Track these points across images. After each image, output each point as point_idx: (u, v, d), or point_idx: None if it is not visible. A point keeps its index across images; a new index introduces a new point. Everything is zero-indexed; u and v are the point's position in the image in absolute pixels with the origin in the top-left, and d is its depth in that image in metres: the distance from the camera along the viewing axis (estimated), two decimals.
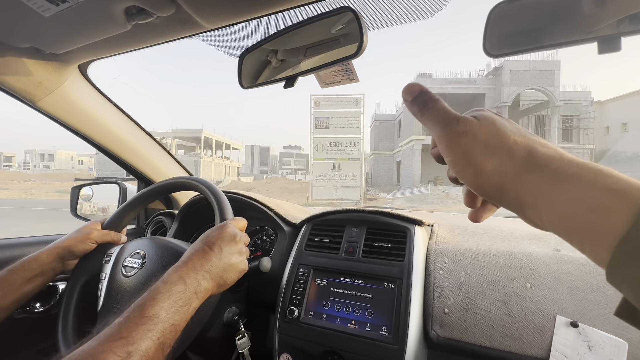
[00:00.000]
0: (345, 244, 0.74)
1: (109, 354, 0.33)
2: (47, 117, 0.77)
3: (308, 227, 0.81)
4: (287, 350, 0.65)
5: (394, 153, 26.81)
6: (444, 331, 0.57)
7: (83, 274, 0.70)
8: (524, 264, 0.61)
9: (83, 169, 57.85)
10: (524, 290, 0.57)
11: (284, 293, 0.71)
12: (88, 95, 0.79)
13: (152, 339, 0.37)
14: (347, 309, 0.65)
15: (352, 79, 0.68)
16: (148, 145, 0.96)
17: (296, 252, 0.76)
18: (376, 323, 0.61)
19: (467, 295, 0.59)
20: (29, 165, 60.61)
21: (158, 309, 0.39)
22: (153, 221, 1.11)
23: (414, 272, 0.64)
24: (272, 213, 0.87)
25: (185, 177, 0.74)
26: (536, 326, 0.53)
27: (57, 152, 61.23)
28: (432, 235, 0.75)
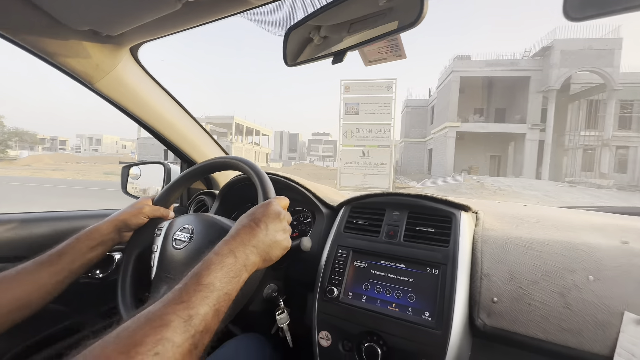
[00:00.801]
0: (386, 227, 0.72)
1: (173, 315, 0.36)
2: (103, 99, 0.81)
3: (347, 209, 0.80)
4: (327, 328, 0.67)
5: (425, 140, 25.85)
6: (491, 320, 0.55)
7: (137, 245, 0.75)
8: (585, 255, 0.56)
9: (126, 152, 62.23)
10: (585, 283, 0.52)
11: (323, 273, 0.71)
12: (138, 77, 0.82)
13: (209, 304, 0.39)
14: (387, 291, 0.64)
15: (399, 55, 0.65)
16: (191, 127, 1.00)
17: (335, 234, 0.76)
18: (418, 307, 0.60)
19: (519, 285, 0.56)
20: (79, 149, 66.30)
21: (212, 278, 0.42)
22: (195, 200, 1.16)
23: (460, 259, 0.61)
24: (310, 195, 0.87)
25: (230, 157, 0.76)
26: (599, 322, 0.49)
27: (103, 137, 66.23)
28: (477, 222, 0.72)
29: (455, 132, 19.62)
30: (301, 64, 0.60)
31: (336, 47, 0.55)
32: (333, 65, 0.55)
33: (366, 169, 12.10)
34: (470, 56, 20.28)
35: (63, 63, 0.70)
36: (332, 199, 0.89)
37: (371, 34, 0.54)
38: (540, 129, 18.25)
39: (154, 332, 0.33)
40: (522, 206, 0.94)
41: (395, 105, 11.54)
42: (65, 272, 0.61)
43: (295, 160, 62.71)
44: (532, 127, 18.33)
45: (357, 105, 11.88)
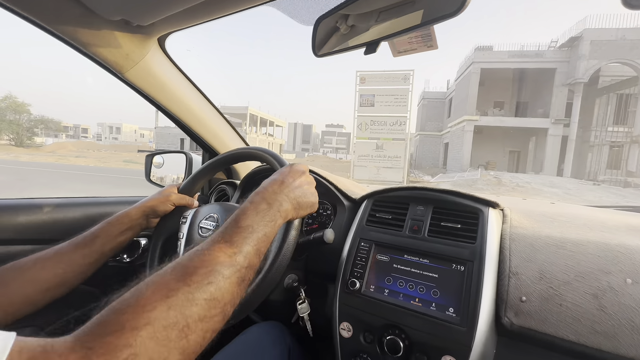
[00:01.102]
0: (410, 221, 0.72)
1: (219, 252, 0.40)
2: (132, 89, 0.83)
3: (369, 202, 0.80)
4: (348, 320, 0.67)
5: (441, 134, 25.26)
6: (519, 319, 0.54)
7: (164, 232, 0.77)
8: (623, 257, 0.54)
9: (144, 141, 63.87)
10: (622, 286, 0.50)
11: (345, 265, 0.71)
12: (165, 67, 0.84)
13: (250, 244, 0.43)
14: (410, 286, 0.64)
15: (430, 45, 0.62)
16: (214, 117, 1.01)
17: (357, 227, 0.76)
18: (442, 303, 0.60)
19: (550, 285, 0.54)
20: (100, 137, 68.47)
21: (250, 221, 0.45)
22: (216, 189, 1.18)
23: (487, 256, 0.60)
24: (332, 187, 0.87)
25: (253, 147, 0.77)
26: (636, 326, 0.47)
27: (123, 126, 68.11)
28: (505, 219, 0.70)
29: (473, 125, 19.06)
30: (330, 54, 0.59)
31: (368, 37, 0.54)
32: (365, 55, 0.54)
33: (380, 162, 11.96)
34: (492, 47, 19.50)
35: (95, 52, 0.72)
36: (354, 192, 0.89)
37: (405, 23, 0.52)
38: (564, 124, 17.48)
39: (205, 265, 0.37)
40: (550, 204, 0.91)
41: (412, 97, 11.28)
42: (97, 254, 0.64)
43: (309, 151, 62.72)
44: (556, 121, 17.57)
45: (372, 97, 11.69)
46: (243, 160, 0.80)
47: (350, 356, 0.66)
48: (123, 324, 0.29)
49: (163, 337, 0.30)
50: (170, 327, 0.31)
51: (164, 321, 0.31)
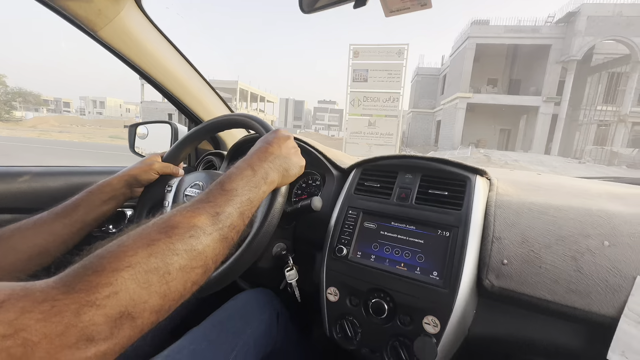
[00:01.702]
0: (398, 189, 0.72)
1: (202, 210, 0.40)
2: (106, 49, 0.78)
3: (358, 171, 0.79)
4: (335, 284, 0.68)
5: (434, 112, 25.13)
6: (500, 281, 0.56)
7: (148, 201, 0.76)
8: (602, 221, 0.55)
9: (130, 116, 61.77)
10: (600, 249, 0.52)
11: (333, 232, 0.72)
12: (143, 26, 0.78)
13: (234, 206, 0.43)
14: (396, 251, 0.65)
15: (424, 4, 0.59)
16: (198, 83, 0.96)
17: (345, 195, 0.76)
18: (426, 267, 0.61)
19: (531, 248, 0.55)
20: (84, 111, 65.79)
21: (235, 185, 0.46)
22: (203, 160, 1.15)
23: (472, 222, 0.61)
24: (321, 156, 0.86)
25: (239, 114, 0.74)
26: (610, 285, 0.49)
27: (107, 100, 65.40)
28: (491, 188, 0.70)
29: (465, 103, 18.97)
30: (319, 10, 0.55)
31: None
32: (355, 9, 0.50)
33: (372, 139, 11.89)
34: (488, 21, 19.01)
35: (64, 7, 0.66)
36: (343, 162, 0.88)
37: None
38: (555, 103, 17.56)
39: (187, 221, 0.38)
40: (536, 175, 0.92)
41: (406, 73, 11.05)
42: (79, 223, 0.63)
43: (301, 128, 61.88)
44: (547, 100, 17.62)
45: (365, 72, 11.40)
46: (228, 128, 0.78)
47: (336, 319, 0.67)
48: (104, 265, 0.30)
49: (144, 280, 0.31)
50: (151, 272, 0.32)
51: (145, 266, 0.31)
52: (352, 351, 0.66)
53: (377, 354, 0.63)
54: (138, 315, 0.30)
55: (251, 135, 1.00)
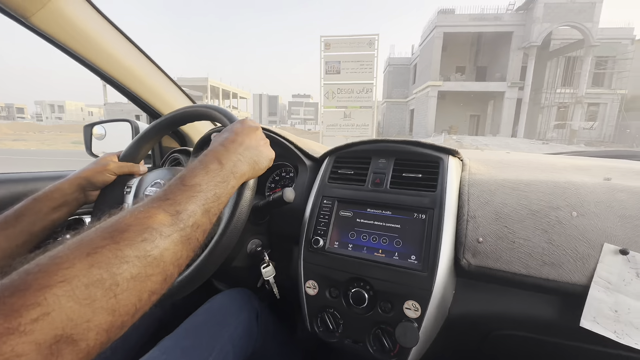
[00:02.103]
0: (372, 175, 0.70)
1: (158, 209, 0.35)
2: (42, 38, 0.69)
3: (331, 159, 0.77)
4: (313, 278, 0.66)
5: (407, 101, 25.65)
6: (476, 260, 0.56)
7: (105, 205, 0.69)
8: (570, 192, 0.56)
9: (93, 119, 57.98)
10: (568, 219, 0.53)
11: (308, 224, 0.69)
12: (84, 11, 0.70)
13: (197, 203, 0.39)
14: (373, 238, 0.63)
15: None
16: (153, 74, 0.89)
17: (319, 185, 0.73)
18: (404, 252, 0.60)
19: (505, 224, 0.56)
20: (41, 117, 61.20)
21: (199, 179, 0.41)
22: (169, 159, 1.08)
23: (447, 202, 0.60)
24: (292, 146, 0.82)
25: (200, 105, 0.69)
26: (580, 254, 0.50)
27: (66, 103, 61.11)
28: (464, 168, 0.70)
29: (437, 91, 19.49)
30: None
31: None
32: None
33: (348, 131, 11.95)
34: (454, 10, 19.52)
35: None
36: (316, 151, 0.85)
37: None
38: (519, 87, 18.44)
39: (139, 222, 0.33)
40: (505, 153, 0.93)
41: (378, 63, 11.15)
42: (24, 235, 0.56)
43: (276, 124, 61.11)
44: (512, 85, 18.47)
45: (338, 64, 11.39)
46: (190, 121, 0.72)
47: (317, 312, 0.65)
48: (29, 282, 0.25)
49: (85, 296, 0.26)
50: (93, 285, 0.27)
51: (85, 279, 0.27)
52: (335, 343, 0.64)
53: (361, 344, 0.61)
54: (81, 337, 0.25)
55: (217, 128, 0.94)
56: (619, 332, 0.46)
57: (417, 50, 23.39)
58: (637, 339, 0.45)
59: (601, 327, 0.47)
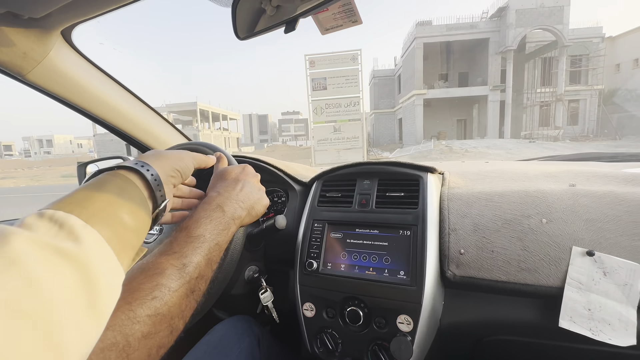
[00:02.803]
0: (358, 196, 0.74)
1: (166, 264, 0.37)
2: (39, 92, 0.73)
3: (319, 184, 0.81)
4: (310, 300, 0.69)
5: (394, 110, 26.13)
6: (460, 270, 0.59)
7: None
8: (539, 201, 0.61)
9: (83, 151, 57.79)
10: (539, 226, 0.57)
11: (301, 248, 0.72)
12: (76, 63, 0.75)
13: (201, 254, 0.40)
14: (364, 257, 0.67)
15: (355, 20, 0.63)
16: (144, 113, 0.93)
17: (309, 209, 0.77)
18: (394, 268, 0.63)
19: (483, 235, 0.60)
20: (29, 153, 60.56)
21: (202, 230, 0.42)
22: None
23: (429, 218, 0.64)
24: (281, 173, 0.86)
25: (192, 142, 0.73)
26: (552, 258, 0.54)
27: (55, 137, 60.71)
28: (444, 182, 0.75)
29: (422, 99, 19.96)
30: (253, 36, 0.57)
31: (291, 12, 0.53)
32: (286, 34, 0.52)
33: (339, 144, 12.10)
34: (431, 21, 20.28)
35: None
36: (304, 175, 0.89)
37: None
38: (501, 90, 19.02)
39: (149, 280, 0.35)
40: (484, 163, 0.99)
41: (363, 77, 11.44)
42: None
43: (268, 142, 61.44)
44: (494, 88, 19.04)
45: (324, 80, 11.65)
46: None
47: (316, 333, 0.68)
48: None
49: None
50: (108, 349, 0.29)
51: (101, 343, 0.28)
52: None
53: None
54: None
55: None
56: (593, 329, 0.49)
57: (400, 62, 24.09)
58: (610, 334, 0.48)
59: (578, 326, 0.50)
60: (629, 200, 0.56)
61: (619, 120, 19.08)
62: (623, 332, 0.48)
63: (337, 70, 11.53)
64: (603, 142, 15.21)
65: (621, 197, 0.57)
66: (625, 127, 18.56)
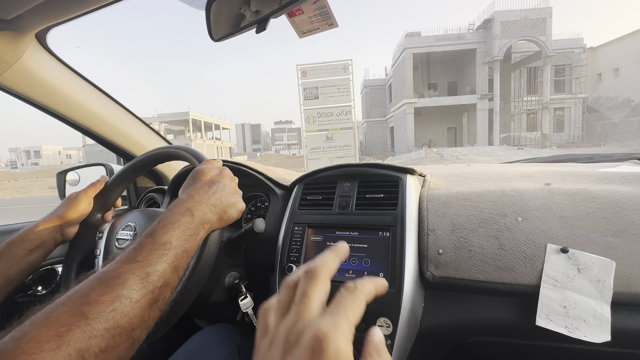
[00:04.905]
0: (338, 199, 0.73)
1: (128, 274, 0.35)
2: (11, 95, 0.72)
3: (300, 187, 0.80)
4: None
5: (386, 119, 26.49)
6: (439, 271, 0.59)
7: (77, 253, 0.69)
8: (515, 200, 0.61)
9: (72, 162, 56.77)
10: (515, 224, 0.57)
11: (281, 252, 0.71)
12: (51, 67, 0.73)
13: (167, 262, 0.39)
14: (344, 260, 0.66)
15: (331, 24, 0.64)
16: (125, 118, 0.92)
17: (290, 212, 0.76)
18: (373, 270, 0.62)
19: (461, 235, 0.59)
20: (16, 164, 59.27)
21: (169, 236, 0.41)
22: (144, 199, 1.09)
23: (408, 219, 0.64)
24: (262, 177, 0.85)
25: (170, 146, 0.72)
26: (528, 256, 0.54)
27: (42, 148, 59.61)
28: (424, 184, 0.75)
29: (413, 108, 20.30)
30: (227, 37, 0.57)
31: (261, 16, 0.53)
32: (257, 34, 0.53)
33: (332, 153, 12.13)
34: (420, 32, 20.82)
35: None
36: (287, 179, 0.88)
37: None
38: (489, 99, 19.49)
39: (109, 291, 0.33)
40: (466, 166, 1.00)
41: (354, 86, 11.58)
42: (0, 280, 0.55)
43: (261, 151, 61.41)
44: (482, 97, 19.50)
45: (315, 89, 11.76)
46: (162, 162, 0.75)
47: None
48: None
49: None
50: None
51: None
52: None
53: None
54: None
55: (190, 166, 0.97)
56: (569, 326, 0.49)
57: (390, 71, 24.56)
58: (585, 331, 0.48)
59: (554, 324, 0.50)
60: (601, 197, 0.57)
61: (602, 127, 19.69)
62: (598, 328, 0.47)
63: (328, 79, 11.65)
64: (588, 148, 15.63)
65: (593, 195, 0.58)
66: (609, 133, 19.15)
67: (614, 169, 0.71)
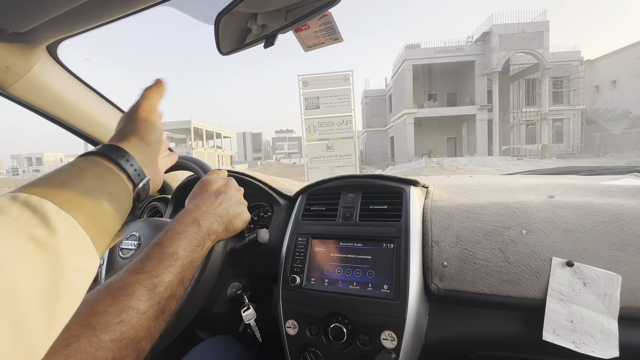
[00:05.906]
0: (342, 209, 0.74)
1: (136, 285, 0.35)
2: (20, 105, 0.73)
3: (304, 197, 0.81)
4: (292, 317, 0.66)
5: (386, 129, 26.67)
6: (443, 283, 0.58)
7: None
8: (519, 212, 0.61)
9: None
10: (519, 237, 0.57)
11: (285, 263, 0.71)
12: (61, 78, 0.75)
13: (174, 273, 0.39)
14: (347, 271, 0.65)
15: (336, 38, 0.65)
16: None
17: (293, 223, 0.76)
18: (377, 282, 0.62)
19: (465, 247, 0.59)
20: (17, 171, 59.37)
21: (176, 247, 0.41)
22: (147, 208, 1.09)
23: (412, 230, 0.64)
24: (266, 188, 0.86)
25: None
26: (533, 269, 0.54)
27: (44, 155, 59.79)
28: (427, 195, 0.76)
29: (412, 118, 20.46)
30: (235, 51, 0.58)
31: (269, 31, 0.54)
32: (265, 49, 0.54)
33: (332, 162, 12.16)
34: (419, 44, 21.15)
35: None
36: (290, 190, 0.89)
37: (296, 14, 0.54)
38: (488, 109, 19.66)
39: (117, 302, 0.33)
40: (468, 177, 1.00)
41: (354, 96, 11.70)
42: None
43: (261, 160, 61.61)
44: (481, 108, 19.68)
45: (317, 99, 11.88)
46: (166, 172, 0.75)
47: (299, 352, 0.65)
48: None
49: None
50: None
51: None
52: None
53: None
54: None
55: (194, 175, 0.97)
56: (577, 341, 0.49)
57: (390, 82, 24.86)
58: (593, 346, 0.47)
59: (561, 339, 0.49)
60: (605, 210, 0.57)
61: (601, 138, 19.79)
62: (605, 343, 0.47)
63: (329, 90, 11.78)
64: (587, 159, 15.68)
65: (597, 208, 0.58)
66: (608, 145, 19.24)
67: (616, 182, 0.71)
